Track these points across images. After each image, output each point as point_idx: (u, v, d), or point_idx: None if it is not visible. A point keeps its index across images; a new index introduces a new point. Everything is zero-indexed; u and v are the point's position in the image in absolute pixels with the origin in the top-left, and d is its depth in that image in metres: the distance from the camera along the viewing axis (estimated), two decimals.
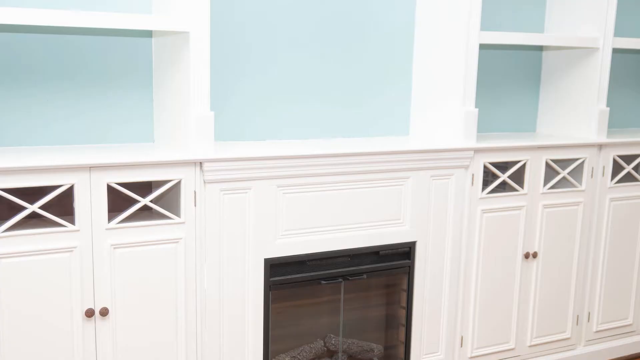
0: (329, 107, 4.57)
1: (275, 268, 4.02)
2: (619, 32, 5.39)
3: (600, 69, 4.93)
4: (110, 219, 3.53)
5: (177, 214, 3.69)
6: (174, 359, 3.79)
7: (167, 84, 3.90)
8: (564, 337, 5.10)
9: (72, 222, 3.44)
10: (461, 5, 4.40)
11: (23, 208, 3.35)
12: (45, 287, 3.41)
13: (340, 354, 4.48)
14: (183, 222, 3.70)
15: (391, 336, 4.63)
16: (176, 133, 3.85)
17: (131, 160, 3.52)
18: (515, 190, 4.70)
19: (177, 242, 3.69)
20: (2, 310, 3.34)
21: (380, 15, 4.64)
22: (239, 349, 3.98)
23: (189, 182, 3.68)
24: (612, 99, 5.53)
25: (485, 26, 4.89)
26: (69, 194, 3.43)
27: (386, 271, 4.39)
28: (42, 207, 3.38)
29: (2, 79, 3.69)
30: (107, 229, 3.51)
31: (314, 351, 4.45)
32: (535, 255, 4.81)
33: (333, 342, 4.48)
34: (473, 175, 4.51)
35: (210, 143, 3.72)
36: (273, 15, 4.30)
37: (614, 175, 5.11)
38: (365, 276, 4.32)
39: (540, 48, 5.30)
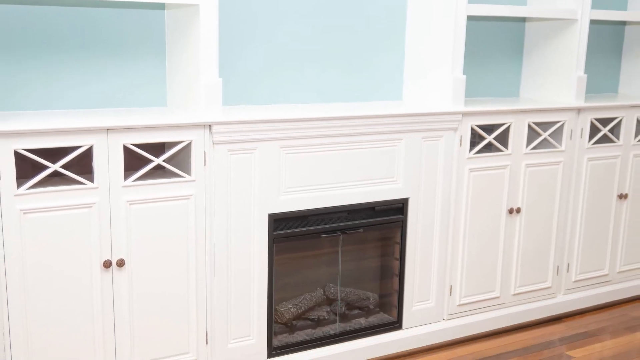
0: (329, 74, 4.56)
1: (279, 222, 4.03)
2: (595, 4, 5.37)
3: (578, 38, 4.91)
4: (126, 177, 3.53)
5: (188, 172, 3.70)
6: (185, 307, 3.81)
7: (178, 53, 3.89)
8: (545, 286, 5.12)
9: (91, 180, 3.45)
10: None
11: (46, 167, 3.35)
12: (67, 240, 3.43)
13: (338, 302, 4.50)
14: (193, 180, 3.70)
15: (385, 285, 4.65)
16: (187, 98, 3.84)
17: (146, 123, 3.52)
18: (500, 150, 4.70)
19: (188, 198, 3.70)
20: (27, 261, 3.35)
21: None
22: (246, 297, 3.99)
23: (199, 143, 3.68)
24: (589, 67, 5.52)
25: None
26: (88, 154, 3.43)
27: (381, 225, 4.40)
28: (63, 167, 3.39)
29: (27, 49, 3.68)
30: (123, 187, 3.52)
31: (314, 299, 4.46)
32: (518, 210, 4.82)
33: (332, 290, 4.49)
34: (461, 136, 4.51)
35: (218, 107, 3.73)
36: None
37: (591, 136, 5.11)
38: (361, 230, 4.33)
39: (523, 19, 5.28)
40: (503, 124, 4.67)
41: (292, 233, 4.10)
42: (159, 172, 3.70)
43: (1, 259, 3.29)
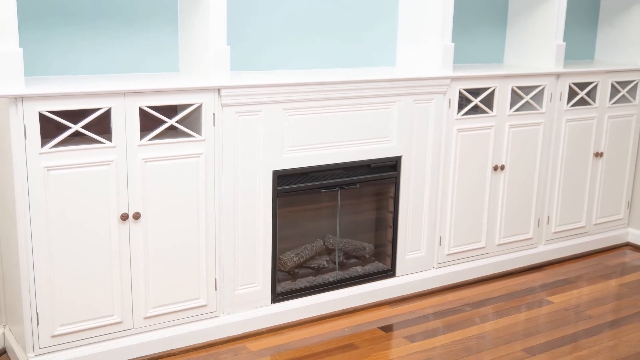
0: (329, 42, 4.55)
1: (282, 178, 4.04)
2: None
3: (557, 9, 4.89)
4: (141, 137, 3.54)
5: (199, 132, 3.70)
6: (195, 256, 3.83)
7: (190, 22, 3.88)
8: (527, 237, 5.14)
9: (110, 139, 3.46)
10: None
11: (68, 128, 3.35)
12: (87, 194, 3.44)
13: (337, 252, 4.51)
14: (203, 140, 3.71)
15: (380, 236, 4.66)
16: (198, 64, 3.84)
17: (160, 87, 3.53)
18: (486, 112, 4.70)
19: (199, 156, 3.70)
20: (51, 214, 3.37)
21: None
22: (251, 247, 4.01)
23: (209, 106, 3.68)
24: (568, 35, 5.50)
25: None
26: (106, 115, 3.43)
27: (376, 181, 4.41)
28: (84, 127, 3.39)
29: (51, 19, 3.67)
30: (139, 146, 3.53)
31: (315, 249, 4.48)
32: (502, 167, 4.83)
33: (331, 241, 4.51)
34: (450, 99, 4.51)
35: (227, 72, 3.72)
36: None
37: (569, 99, 5.11)
38: (358, 185, 4.34)
39: None
40: (488, 88, 4.67)
41: (294, 188, 4.11)
42: (171, 132, 3.71)
43: (27, 212, 3.30)
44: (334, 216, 4.46)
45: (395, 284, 4.57)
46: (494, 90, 4.70)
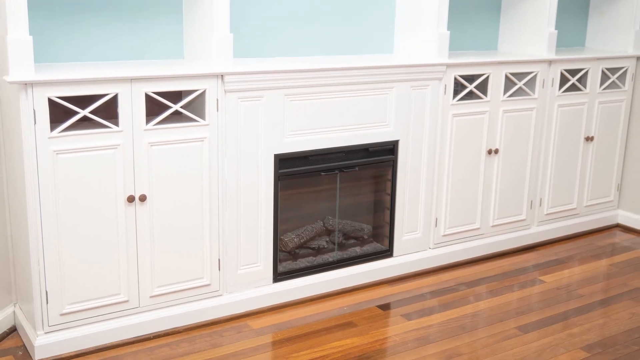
0: (329, 30, 4.54)
1: (283, 162, 4.04)
2: None
3: None
4: (147, 121, 3.54)
5: (203, 117, 3.70)
6: (199, 237, 3.84)
7: (194, 11, 3.87)
8: (520, 218, 5.14)
9: (116, 124, 3.46)
10: None
11: (76, 113, 3.35)
12: (94, 177, 3.44)
13: (336, 233, 4.52)
14: (207, 124, 3.71)
15: (378, 218, 4.67)
16: (202, 51, 3.84)
17: (165, 73, 3.53)
18: (480, 98, 4.70)
19: (203, 140, 3.70)
20: (59, 197, 3.37)
21: None
22: (254, 228, 4.02)
23: (212, 91, 3.68)
24: (559, 23, 5.50)
25: None
26: (113, 101, 3.43)
27: (374, 164, 4.42)
28: (92, 112, 3.39)
29: (59, 7, 3.66)
30: (145, 130, 3.53)
31: (315, 230, 4.49)
32: (496, 151, 4.83)
33: (330, 222, 4.52)
34: (445, 85, 4.51)
35: (230, 59, 3.72)
36: None
37: (561, 85, 5.12)
38: (357, 169, 4.34)
39: None
40: (483, 74, 4.67)
41: (295, 171, 4.11)
42: (176, 117, 3.71)
43: (36, 195, 3.31)
44: (334, 198, 4.46)
45: (392, 264, 4.58)
46: (488, 77, 4.70)
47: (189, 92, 3.67)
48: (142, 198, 3.60)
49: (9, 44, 3.14)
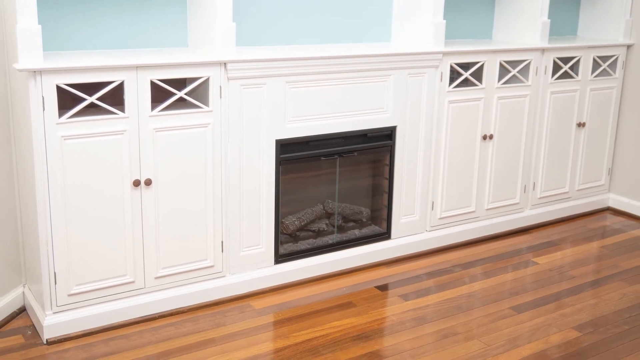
0: (329, 19, 4.53)
1: (284, 147, 4.04)
2: None
3: None
4: (152, 108, 3.54)
5: (206, 104, 3.70)
6: (203, 220, 3.84)
7: (198, 1, 3.85)
8: (514, 202, 5.15)
9: (123, 110, 3.46)
10: None
11: (83, 99, 3.35)
12: (101, 162, 3.44)
13: (336, 216, 4.52)
14: (211, 111, 3.70)
15: (376, 201, 4.67)
16: (206, 39, 3.83)
17: (170, 61, 3.53)
18: (475, 85, 4.70)
19: (206, 126, 3.70)
20: (67, 181, 3.38)
21: None
22: (256, 211, 4.02)
23: (216, 79, 3.68)
24: (552, 12, 5.49)
25: None
26: (120, 88, 3.43)
27: (372, 150, 4.41)
28: (98, 99, 3.39)
29: None
30: (150, 116, 3.53)
31: (315, 213, 4.49)
32: (491, 137, 4.83)
33: (330, 206, 4.52)
34: (442, 73, 4.50)
35: (232, 47, 3.71)
36: None
37: (553, 73, 5.11)
38: (356, 154, 4.34)
39: None
40: (478, 62, 4.67)
41: (296, 156, 4.11)
42: (180, 103, 3.70)
43: (45, 179, 3.31)
44: (333, 182, 4.46)
45: (390, 246, 4.58)
46: (483, 65, 4.69)
47: (193, 80, 3.67)
48: (148, 182, 3.60)
49: (19, 33, 3.14)
